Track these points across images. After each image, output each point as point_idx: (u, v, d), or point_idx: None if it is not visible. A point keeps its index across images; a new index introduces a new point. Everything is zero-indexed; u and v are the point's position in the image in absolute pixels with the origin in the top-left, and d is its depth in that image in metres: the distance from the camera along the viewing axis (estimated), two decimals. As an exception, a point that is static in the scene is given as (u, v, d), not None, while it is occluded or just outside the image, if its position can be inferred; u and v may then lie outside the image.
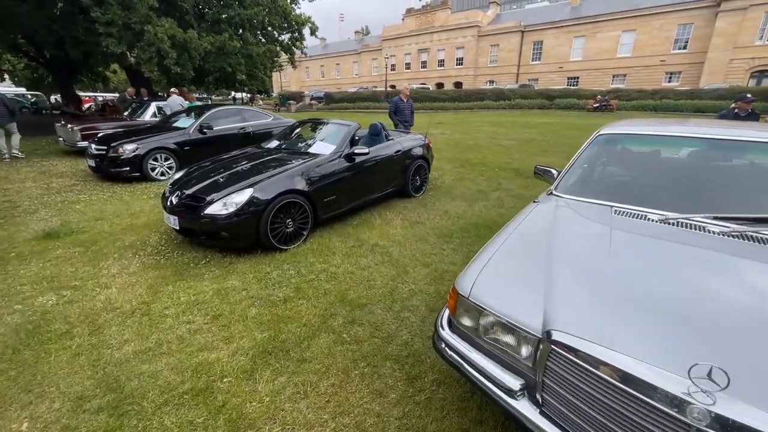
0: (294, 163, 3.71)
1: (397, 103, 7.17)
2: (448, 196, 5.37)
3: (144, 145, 5.95)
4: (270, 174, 3.46)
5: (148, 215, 4.55)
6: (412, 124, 7.33)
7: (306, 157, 3.90)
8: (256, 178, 3.40)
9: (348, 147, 4.12)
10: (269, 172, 3.51)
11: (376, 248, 3.56)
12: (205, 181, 3.49)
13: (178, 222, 3.25)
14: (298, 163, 3.68)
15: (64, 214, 4.52)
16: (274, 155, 4.05)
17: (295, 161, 3.77)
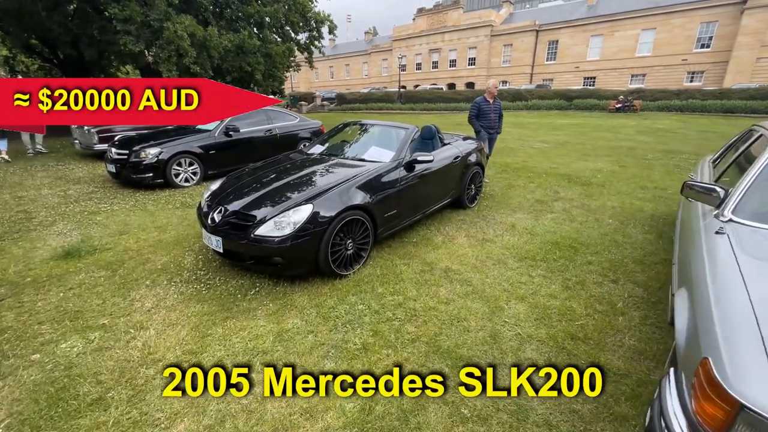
0: (352, 172, 3.17)
1: (480, 105, 5.66)
2: (506, 207, 4.80)
3: (168, 149, 5.47)
4: (329, 186, 2.92)
5: (176, 228, 4.05)
6: (499, 132, 5.95)
7: (361, 165, 3.36)
8: (313, 190, 2.87)
9: (408, 153, 3.58)
10: (326, 183, 2.97)
11: (451, 274, 3.00)
12: (251, 194, 2.97)
13: (222, 244, 2.73)
14: (357, 173, 3.13)
15: (84, 228, 4.04)
16: (324, 163, 3.52)
17: (351, 170, 3.23)
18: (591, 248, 3.49)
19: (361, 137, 4.09)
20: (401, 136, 3.73)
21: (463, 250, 3.47)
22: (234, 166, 6.46)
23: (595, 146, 10.27)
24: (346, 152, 3.81)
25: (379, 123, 4.21)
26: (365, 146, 3.78)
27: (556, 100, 25.98)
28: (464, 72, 42.25)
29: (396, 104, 28.17)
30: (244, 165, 6.75)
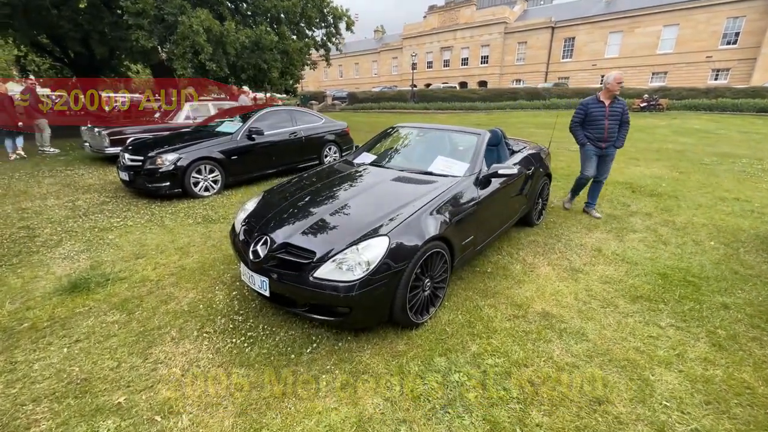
0: (422, 190, 2.53)
1: (589, 107, 4.06)
2: (576, 223, 4.13)
3: (187, 154, 4.89)
4: (401, 210, 2.28)
5: (200, 251, 3.46)
6: (618, 145, 4.12)
7: (431, 180, 2.72)
8: (381, 215, 2.23)
9: (484, 165, 2.93)
10: (396, 206, 2.33)
11: (554, 322, 2.35)
12: (302, 219, 2.34)
13: (268, 286, 2.11)
14: (429, 192, 2.49)
15: (95, 249, 3.46)
16: (381, 177, 2.88)
17: (421, 188, 2.59)
18: (714, 284, 2.81)
19: (419, 144, 3.44)
20: (473, 144, 3.07)
21: (554, 285, 2.81)
22: (257, 173, 5.91)
23: (638, 149, 9.51)
24: (404, 163, 3.16)
25: (439, 127, 3.55)
26: (428, 156, 3.13)
27: (575, 99, 25.03)
28: (476, 70, 41.35)
29: (409, 103, 27.45)
30: (267, 171, 6.27)
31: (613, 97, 4.03)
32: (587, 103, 4.13)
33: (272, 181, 6.03)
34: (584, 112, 4.12)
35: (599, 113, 4.04)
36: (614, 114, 4.03)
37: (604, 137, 4.06)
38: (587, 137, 4.16)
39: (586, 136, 4.16)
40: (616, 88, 3.94)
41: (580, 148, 4.26)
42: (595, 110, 4.06)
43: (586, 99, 4.16)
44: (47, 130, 8.34)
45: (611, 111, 4.02)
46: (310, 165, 6.77)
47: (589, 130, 4.14)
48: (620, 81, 3.90)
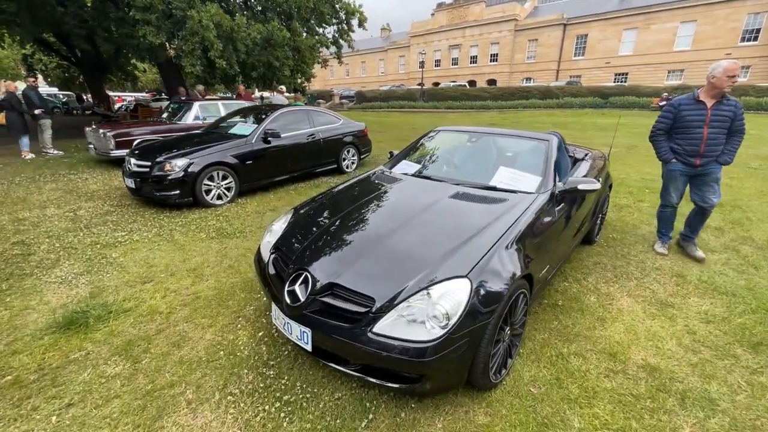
0: (494, 211, 2.04)
1: (683, 108, 3.00)
2: (640, 240, 3.62)
3: (198, 159, 4.44)
4: (471, 239, 1.80)
5: (216, 273, 3.01)
6: (725, 161, 2.99)
7: (499, 198, 2.23)
8: (452, 248, 1.75)
9: (556, 177, 2.44)
10: (467, 234, 1.84)
11: (664, 380, 1.86)
12: (345, 247, 1.87)
13: (311, 339, 1.65)
14: (502, 214, 2.00)
15: (96, 271, 3.02)
16: (434, 192, 2.38)
17: (491, 208, 2.10)
18: None
19: (472, 152, 2.95)
20: (540, 152, 2.58)
21: (645, 325, 2.31)
22: (272, 179, 5.45)
23: (673, 151, 8.90)
24: (457, 175, 2.66)
25: (494, 131, 3.04)
26: (486, 166, 2.64)
27: (590, 97, 24.33)
28: (486, 68, 40.64)
29: (419, 102, 26.92)
30: (283, 177, 5.79)
31: (721, 95, 2.87)
32: (680, 103, 3.02)
33: (288, 188, 5.58)
34: (673, 115, 3.03)
35: (696, 117, 2.93)
36: (720, 119, 2.86)
37: (701, 151, 2.93)
38: (674, 150, 3.10)
39: (672, 150, 3.11)
40: (725, 83, 2.77)
41: (663, 166, 3.24)
42: (690, 113, 2.95)
43: (679, 98, 3.06)
44: (48, 131, 7.98)
45: (716, 115, 2.87)
46: (328, 169, 6.32)
47: (677, 140, 3.06)
48: (733, 74, 2.73)
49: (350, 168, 6.70)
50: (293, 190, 5.45)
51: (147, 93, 31.01)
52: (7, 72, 29.72)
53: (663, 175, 3.32)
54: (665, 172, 3.28)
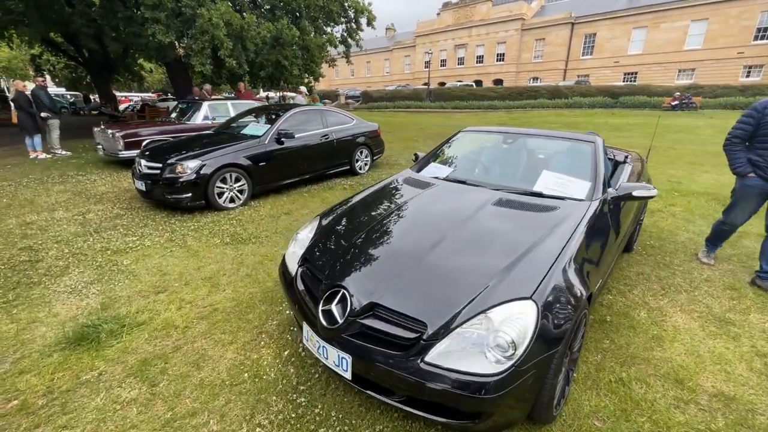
0: (547, 222, 1.84)
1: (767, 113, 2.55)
2: (678, 248, 3.39)
3: (211, 161, 4.28)
4: (527, 254, 1.60)
5: (233, 282, 2.83)
6: None
7: (548, 204, 2.02)
8: (508, 264, 1.56)
9: (605, 184, 2.23)
10: (521, 247, 1.64)
11: (743, 411, 1.65)
12: (384, 261, 1.68)
13: (351, 366, 1.46)
14: (558, 224, 1.80)
15: (107, 279, 2.86)
16: (479, 201, 2.18)
17: (542, 218, 1.90)
18: None
19: (509, 155, 2.74)
20: (586, 155, 2.37)
21: (708, 346, 2.10)
22: (284, 181, 5.26)
23: (694, 152, 8.65)
24: (496, 179, 2.45)
25: (530, 132, 2.83)
26: (526, 170, 2.45)
27: (599, 97, 23.95)
28: (492, 68, 40.31)
29: (425, 102, 26.71)
30: (296, 179, 5.57)
31: None
32: (765, 106, 2.55)
33: (300, 190, 5.40)
34: (755, 121, 2.58)
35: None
36: None
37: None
38: (753, 163, 2.65)
39: (751, 162, 2.67)
40: None
41: (737, 180, 2.82)
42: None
43: (764, 100, 2.58)
44: (56, 131, 7.88)
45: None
46: (341, 171, 6.14)
47: (759, 150, 2.60)
48: None
49: (363, 169, 6.52)
50: (306, 193, 5.28)
51: (153, 93, 31.10)
52: (16, 72, 29.94)
53: (734, 190, 2.87)
54: (738, 188, 2.82)
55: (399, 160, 7.85)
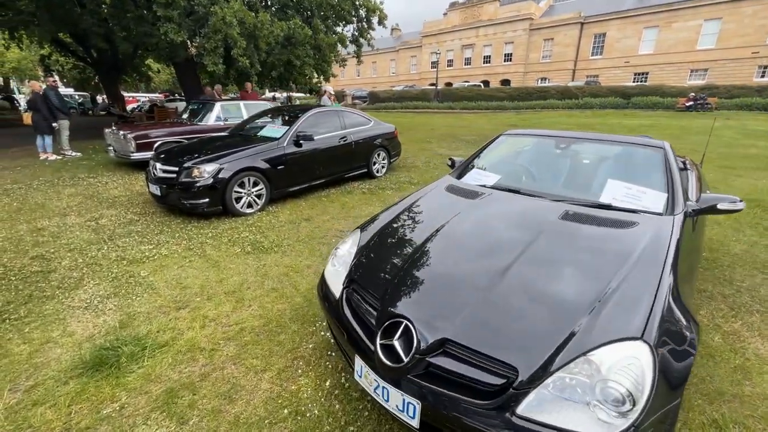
0: (631, 241, 1.60)
1: None
2: (735, 261, 3.13)
3: (229, 165, 4.08)
4: (620, 280, 1.38)
5: (258, 297, 2.63)
6: None
7: (625, 219, 1.78)
8: (598, 291, 1.33)
9: (684, 195, 1.99)
10: (608, 271, 1.42)
11: None
12: (448, 287, 1.46)
13: (419, 414, 1.24)
14: (647, 244, 1.56)
15: (124, 293, 2.67)
16: (542, 214, 1.95)
17: (624, 235, 1.67)
18: None
19: (563, 161, 2.51)
20: (658, 162, 2.13)
21: (803, 379, 1.85)
22: (302, 185, 5.04)
23: (722, 155, 8.32)
24: (554, 189, 2.21)
25: (586, 136, 2.59)
26: (587, 178, 2.21)
27: (611, 97, 23.55)
28: (500, 68, 39.95)
29: (433, 103, 26.46)
30: (313, 183, 5.07)
31: None
32: None
33: (318, 194, 5.20)
34: None
35: None
36: None
37: None
38: None
39: None
40: None
41: None
42: None
43: None
44: (66, 132, 7.76)
45: None
46: (358, 174, 5.93)
47: None
48: None
49: (380, 172, 6.30)
50: (324, 197, 5.07)
51: (159, 93, 31.15)
52: (25, 73, 30.14)
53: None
54: None
55: (416, 162, 7.63)
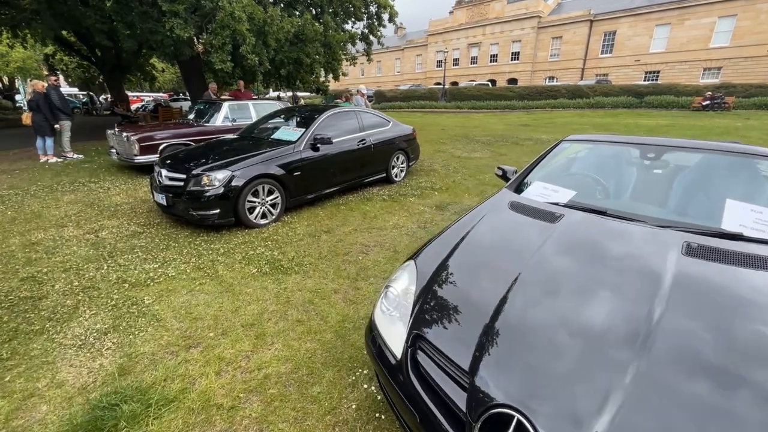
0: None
1: None
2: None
3: (241, 171, 3.69)
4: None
5: (282, 332, 2.23)
6: None
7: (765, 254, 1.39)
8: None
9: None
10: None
11: None
12: (578, 351, 1.06)
13: None
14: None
15: (125, 327, 2.28)
16: (651, 246, 1.53)
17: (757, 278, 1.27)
18: None
19: (653, 174, 2.09)
20: (760, 171, 1.72)
21: None
22: (319, 192, 4.61)
23: None
24: (649, 210, 1.79)
25: (682, 144, 2.15)
26: (692, 196, 1.79)
27: (623, 97, 23.04)
28: (506, 67, 39.38)
29: (440, 102, 26.02)
30: (329, 190, 4.56)
31: None
32: None
33: (335, 201, 4.80)
34: None
35: None
36: None
37: None
38: None
39: None
40: None
41: None
42: None
43: None
44: (68, 133, 7.41)
45: None
46: (377, 179, 5.52)
47: None
48: None
49: (399, 177, 5.90)
50: (343, 205, 4.67)
51: (163, 93, 30.92)
52: (30, 72, 30.00)
53: None
54: None
55: (433, 165, 7.21)
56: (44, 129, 7.00)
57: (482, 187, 5.57)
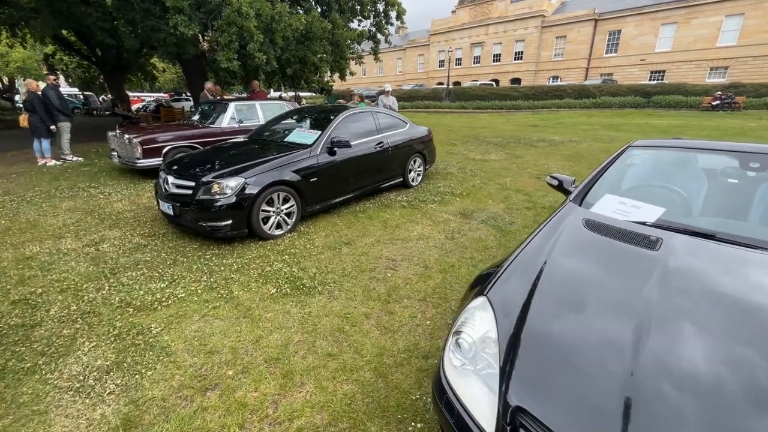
0: None
1: None
2: None
3: (255, 178, 3.37)
4: None
5: (313, 372, 1.92)
6: None
7: None
8: None
9: None
10: None
11: None
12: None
13: None
14: None
15: (130, 363, 1.97)
16: (752, 276, 1.25)
17: None
18: None
19: (748, 185, 1.79)
20: None
21: None
22: (336, 200, 4.26)
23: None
24: (738, 229, 1.50)
25: (747, 148, 1.88)
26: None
27: (630, 96, 22.72)
28: (510, 67, 39.04)
29: (444, 102, 25.72)
30: (345, 197, 4.24)
31: None
32: None
33: (352, 208, 4.48)
34: None
35: None
36: None
37: None
38: None
39: None
40: None
41: None
42: None
43: None
44: (67, 135, 7.10)
45: None
46: (394, 184, 5.20)
47: None
48: None
49: (416, 181, 5.58)
50: (361, 213, 4.36)
51: (164, 93, 30.62)
52: (30, 72, 29.73)
53: None
54: None
55: (449, 168, 6.90)
56: (41, 130, 6.69)
57: (505, 192, 5.25)
